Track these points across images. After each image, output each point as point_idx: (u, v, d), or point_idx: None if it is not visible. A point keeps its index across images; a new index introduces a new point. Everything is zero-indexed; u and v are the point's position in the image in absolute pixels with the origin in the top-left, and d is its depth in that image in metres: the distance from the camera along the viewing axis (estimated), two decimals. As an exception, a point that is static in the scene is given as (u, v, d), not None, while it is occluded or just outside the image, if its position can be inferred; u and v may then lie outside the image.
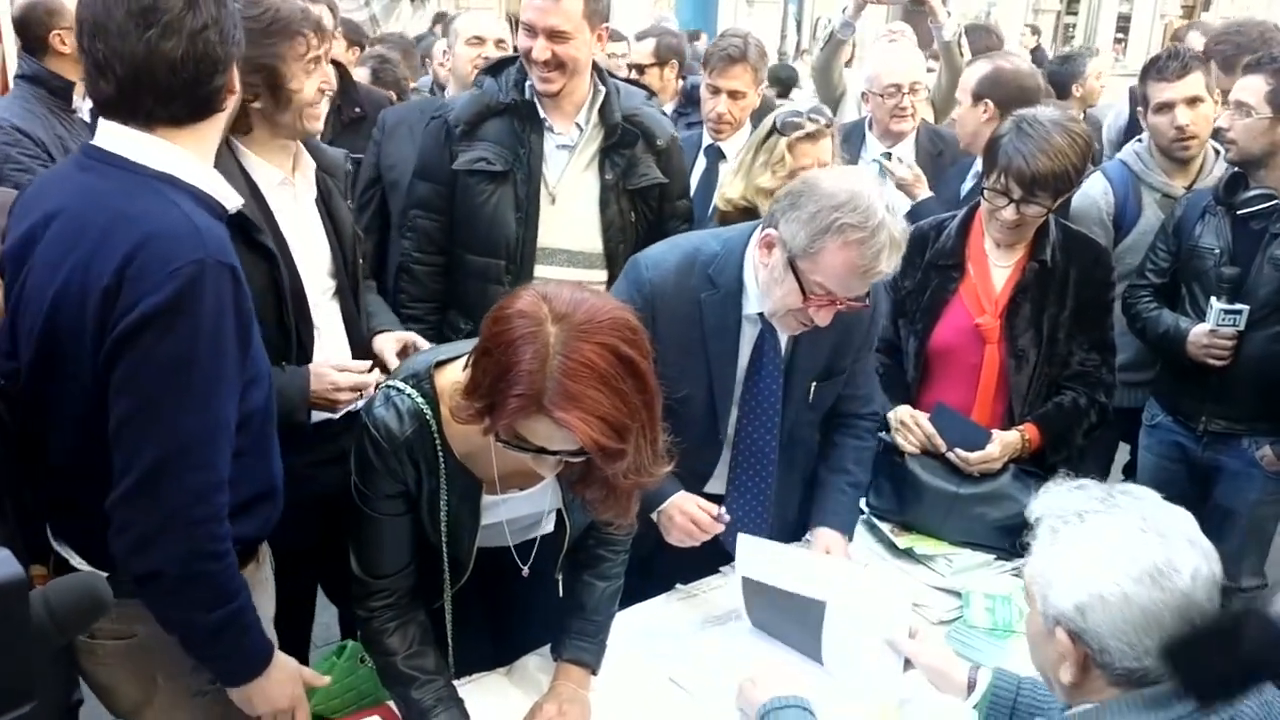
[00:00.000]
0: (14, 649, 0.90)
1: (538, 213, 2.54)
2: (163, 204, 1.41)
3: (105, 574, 1.51)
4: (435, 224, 2.61)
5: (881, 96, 3.23)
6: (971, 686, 1.61)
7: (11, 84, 3.31)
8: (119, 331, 1.37)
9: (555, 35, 2.43)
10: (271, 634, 1.76)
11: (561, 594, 1.81)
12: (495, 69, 2.63)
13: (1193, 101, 2.84)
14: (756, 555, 1.94)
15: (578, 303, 1.37)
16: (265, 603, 1.76)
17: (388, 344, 2.15)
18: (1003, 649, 1.91)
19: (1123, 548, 1.14)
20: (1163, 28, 20.37)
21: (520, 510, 1.70)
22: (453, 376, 1.54)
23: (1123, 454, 3.35)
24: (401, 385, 1.57)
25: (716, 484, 2.15)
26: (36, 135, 2.84)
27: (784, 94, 5.87)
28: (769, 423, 2.07)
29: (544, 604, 1.83)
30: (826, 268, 1.81)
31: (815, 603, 1.84)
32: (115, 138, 1.45)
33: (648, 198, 2.63)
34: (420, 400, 1.55)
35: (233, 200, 1.55)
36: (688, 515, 1.98)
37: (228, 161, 1.86)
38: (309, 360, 1.96)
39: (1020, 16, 18.98)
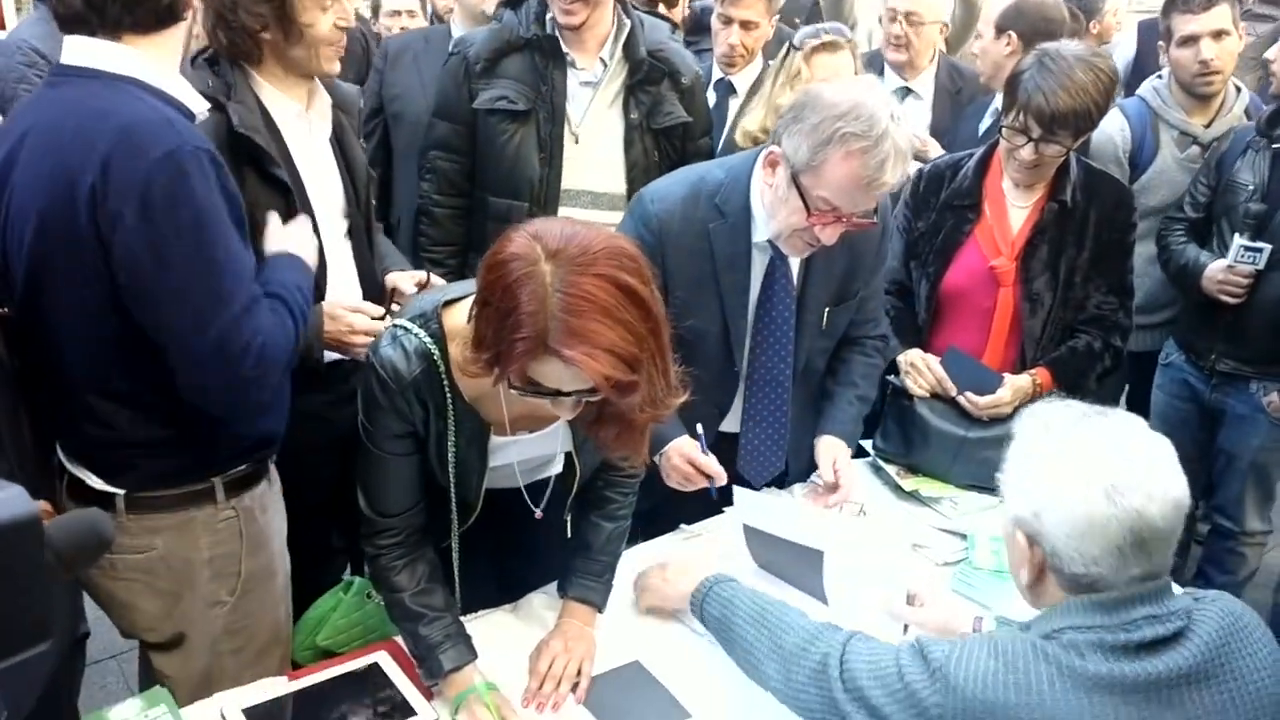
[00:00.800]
0: (30, 587, 0.90)
1: (561, 152, 2.48)
2: (133, 101, 1.45)
3: (122, 491, 1.60)
4: (455, 165, 2.55)
5: (881, 20, 3.13)
6: None
7: (32, 9, 3.26)
8: (112, 225, 1.40)
9: None
10: (285, 556, 1.82)
11: (569, 535, 1.81)
12: (515, 1, 2.53)
13: (1218, 35, 2.76)
14: (753, 507, 1.95)
15: (570, 236, 1.33)
16: (277, 521, 1.81)
17: (403, 279, 2.10)
18: (1007, 590, 1.91)
19: (1084, 460, 1.18)
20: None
21: (530, 452, 1.68)
22: (462, 317, 1.51)
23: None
24: (409, 325, 1.54)
25: (732, 421, 2.13)
26: (54, 57, 2.81)
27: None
28: (782, 351, 2.04)
29: (551, 546, 1.84)
30: (830, 181, 1.76)
31: (813, 551, 1.85)
32: (81, 51, 1.50)
33: (671, 137, 2.57)
34: (428, 340, 1.52)
35: (198, 104, 1.57)
36: (685, 456, 1.96)
37: (243, 92, 1.81)
38: (322, 299, 1.93)
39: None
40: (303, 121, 1.93)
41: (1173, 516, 1.17)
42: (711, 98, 3.09)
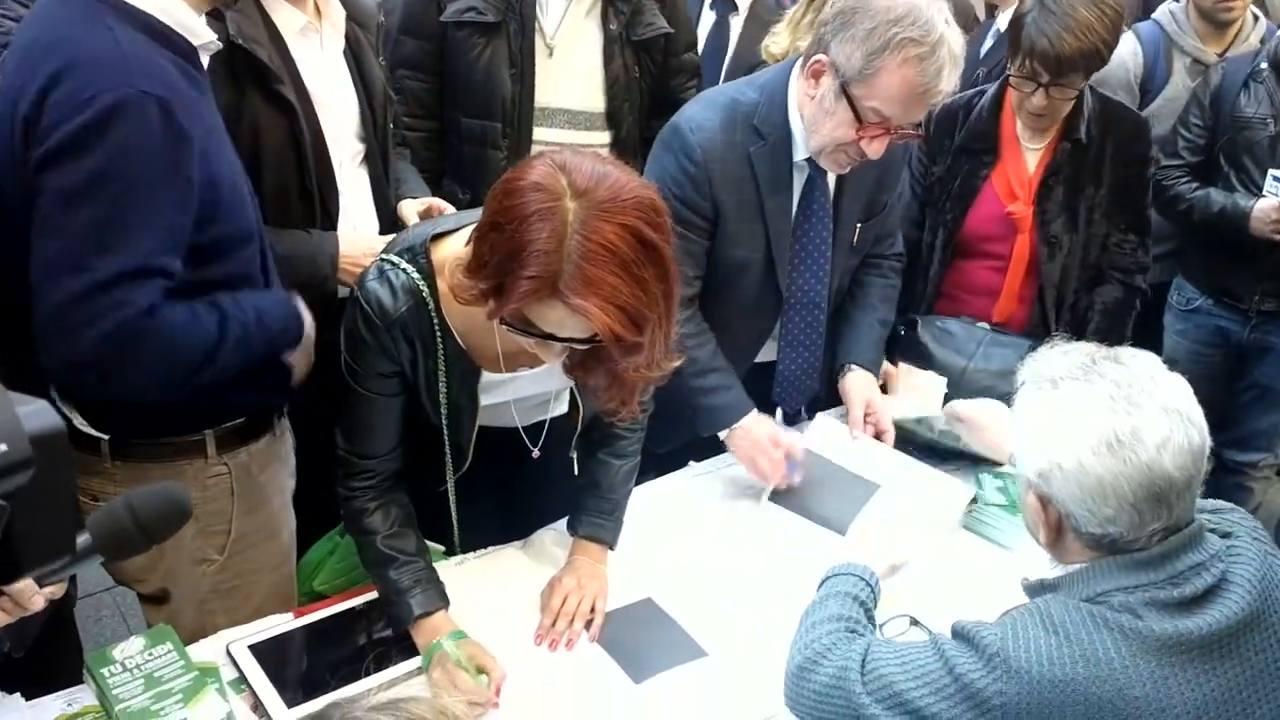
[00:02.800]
0: (60, 499, 0.91)
1: (533, 68, 2.36)
2: (97, 31, 1.33)
3: (107, 436, 1.52)
4: (424, 85, 2.43)
5: None
6: None
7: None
8: (34, 164, 1.30)
9: None
10: (288, 514, 1.75)
11: (576, 473, 1.77)
12: None
13: None
14: (828, 434, 1.96)
15: (601, 177, 1.26)
16: (284, 479, 1.73)
17: (411, 210, 2.02)
18: (1021, 526, 1.89)
19: (1084, 417, 1.13)
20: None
21: (528, 390, 1.63)
22: (453, 249, 1.44)
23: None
24: (396, 259, 1.47)
25: (767, 350, 2.10)
26: None
27: None
28: (820, 272, 2.00)
29: (553, 486, 1.80)
30: (884, 90, 1.69)
31: (869, 484, 1.85)
32: None
33: (652, 50, 2.46)
34: (416, 276, 1.45)
35: (202, 35, 1.44)
36: (770, 437, 1.92)
37: (247, 2, 1.72)
38: (334, 228, 1.85)
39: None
40: (311, 34, 1.82)
41: (1190, 465, 1.12)
42: (710, 16, 2.94)
